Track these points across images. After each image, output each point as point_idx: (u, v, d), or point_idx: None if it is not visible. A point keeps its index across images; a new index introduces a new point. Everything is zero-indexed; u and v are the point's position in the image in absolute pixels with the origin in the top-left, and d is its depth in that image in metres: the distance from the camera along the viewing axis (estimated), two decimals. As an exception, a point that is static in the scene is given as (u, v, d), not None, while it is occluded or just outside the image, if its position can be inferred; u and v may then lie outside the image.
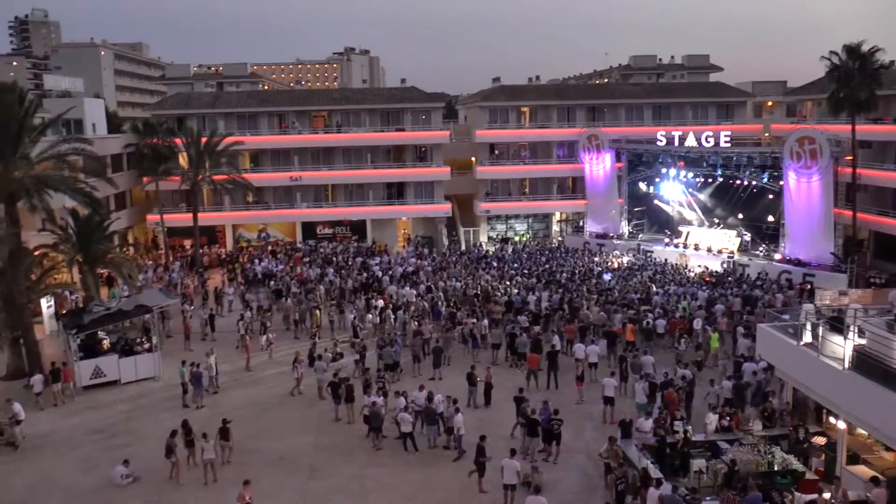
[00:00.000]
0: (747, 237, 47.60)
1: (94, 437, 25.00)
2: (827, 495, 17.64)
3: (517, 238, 61.33)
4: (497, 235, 61.97)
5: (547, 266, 46.64)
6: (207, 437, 21.64)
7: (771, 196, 45.43)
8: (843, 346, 18.98)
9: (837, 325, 20.02)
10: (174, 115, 57.43)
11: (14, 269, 29.83)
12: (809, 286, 38.29)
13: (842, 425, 19.73)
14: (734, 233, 48.06)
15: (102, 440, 24.72)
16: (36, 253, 33.70)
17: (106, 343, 31.14)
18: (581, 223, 59.14)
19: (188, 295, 41.47)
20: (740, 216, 48.33)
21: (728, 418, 22.36)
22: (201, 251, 52.46)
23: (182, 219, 53.51)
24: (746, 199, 47.45)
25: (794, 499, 17.94)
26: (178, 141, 51.66)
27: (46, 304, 37.26)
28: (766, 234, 46.59)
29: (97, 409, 27.58)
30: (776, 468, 19.46)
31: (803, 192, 42.02)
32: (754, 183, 46.06)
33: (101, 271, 38.35)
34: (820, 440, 20.82)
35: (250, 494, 18.63)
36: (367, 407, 23.78)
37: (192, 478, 21.63)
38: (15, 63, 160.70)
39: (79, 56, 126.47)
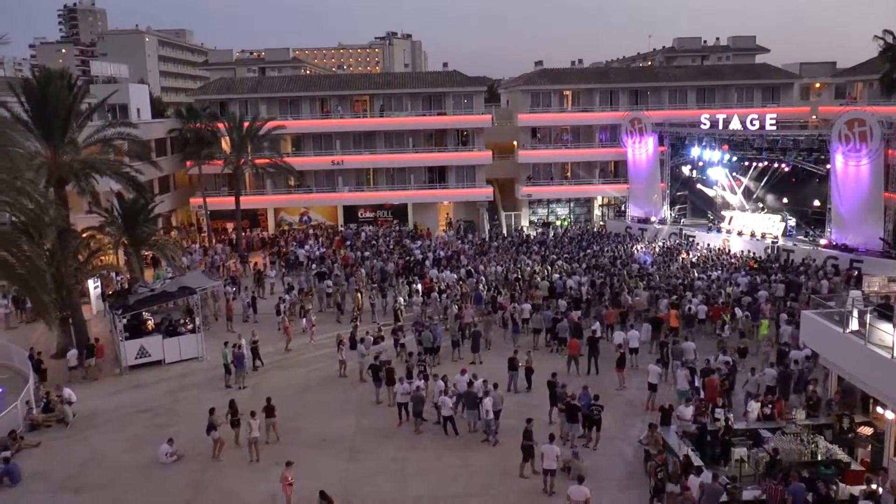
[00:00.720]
0: (792, 222, 46.63)
1: (139, 415, 25.52)
2: (875, 486, 17.30)
3: (559, 222, 61.06)
4: (538, 220, 61.75)
5: (588, 251, 46.36)
6: (255, 415, 21.97)
7: (817, 180, 44.41)
8: (891, 334, 18.52)
9: (886, 312, 19.56)
10: (217, 100, 57.91)
11: (63, 250, 30.48)
12: (857, 272, 37.51)
13: (890, 415, 19.29)
14: (778, 217, 47.11)
15: (147, 419, 25.22)
16: (83, 235, 34.45)
17: (150, 324, 31.79)
18: (623, 207, 58.75)
19: (236, 277, 42.04)
20: (785, 200, 47.38)
21: (770, 406, 22.04)
22: (243, 234, 53.07)
23: (224, 202, 54.22)
24: (791, 183, 46.44)
25: (839, 490, 17.64)
26: (220, 125, 52.22)
27: (93, 285, 38.13)
28: (812, 218, 45.63)
29: (142, 388, 28.14)
30: (820, 458, 19.15)
31: (851, 175, 41.04)
32: (800, 166, 45.09)
33: (146, 253, 39.05)
34: (866, 430, 20.38)
35: (292, 475, 18.89)
36: (411, 392, 23.77)
37: (235, 457, 21.98)
38: (64, 50, 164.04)
39: (124, 43, 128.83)
